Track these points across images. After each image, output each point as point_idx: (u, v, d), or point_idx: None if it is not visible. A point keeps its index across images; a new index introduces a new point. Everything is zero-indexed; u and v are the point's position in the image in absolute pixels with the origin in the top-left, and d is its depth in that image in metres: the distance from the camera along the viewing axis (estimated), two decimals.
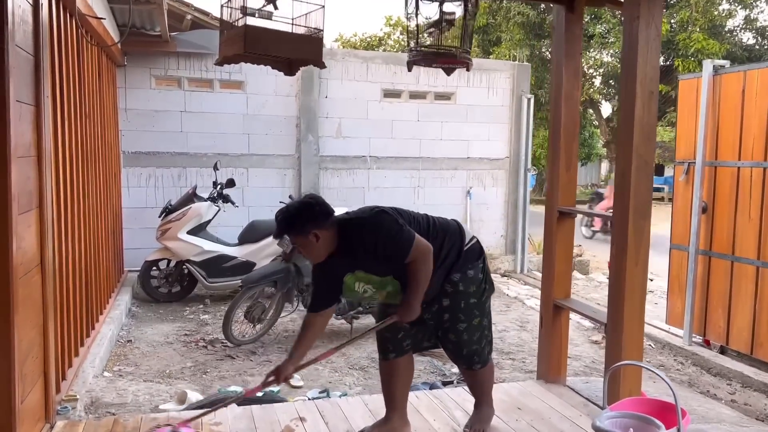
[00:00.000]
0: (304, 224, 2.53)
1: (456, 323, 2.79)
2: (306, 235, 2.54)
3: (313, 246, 2.57)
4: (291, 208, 2.61)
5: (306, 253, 2.65)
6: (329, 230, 2.58)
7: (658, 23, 2.99)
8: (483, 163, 7.92)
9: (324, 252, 2.61)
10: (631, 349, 3.14)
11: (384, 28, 18.50)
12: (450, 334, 2.81)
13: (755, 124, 4.62)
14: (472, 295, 2.81)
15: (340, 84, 7.40)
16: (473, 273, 2.82)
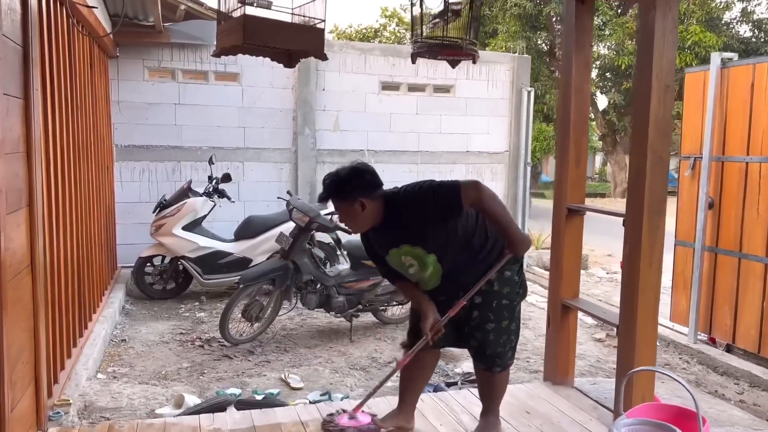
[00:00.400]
0: (353, 191, 2.46)
1: (485, 322, 2.71)
2: (352, 203, 2.47)
3: (358, 215, 2.50)
4: (341, 172, 2.54)
5: (349, 222, 2.59)
6: (376, 201, 2.51)
7: (674, 14, 2.87)
8: (482, 157, 7.81)
9: (368, 223, 2.55)
10: (644, 353, 3.04)
11: (380, 20, 18.36)
12: (477, 332, 2.73)
13: (765, 118, 4.52)
14: (505, 297, 2.74)
15: (337, 76, 7.26)
16: (510, 274, 2.75)
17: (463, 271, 2.68)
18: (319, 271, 4.96)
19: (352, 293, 5.05)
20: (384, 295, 5.26)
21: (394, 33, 18.29)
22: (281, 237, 4.91)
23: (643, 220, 2.95)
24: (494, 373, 2.81)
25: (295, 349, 4.78)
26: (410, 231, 2.56)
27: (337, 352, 4.73)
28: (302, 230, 4.84)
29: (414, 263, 2.64)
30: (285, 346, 4.83)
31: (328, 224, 4.88)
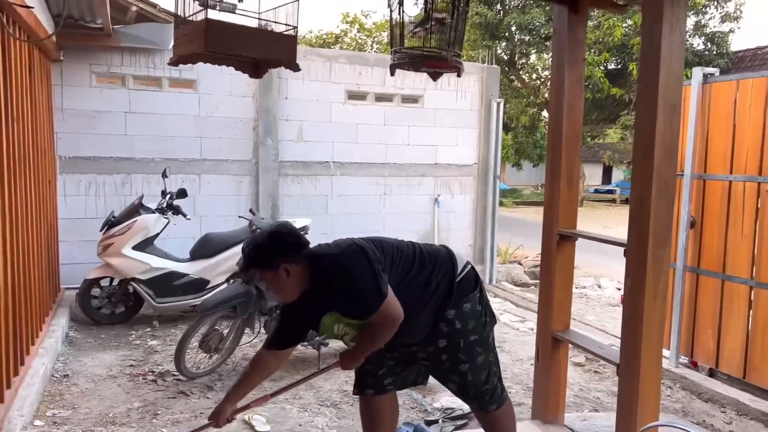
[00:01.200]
0: (274, 257, 2.28)
1: (457, 365, 2.48)
2: (276, 270, 2.28)
3: (284, 282, 2.31)
4: (259, 238, 2.38)
5: (276, 291, 2.39)
6: (301, 265, 2.32)
7: (682, 28, 2.65)
8: (451, 170, 7.56)
9: (296, 290, 2.35)
10: (648, 396, 2.81)
11: (341, 25, 18.01)
12: (452, 375, 2.52)
13: (749, 136, 4.38)
14: (472, 332, 2.49)
15: (301, 84, 6.90)
16: (470, 306, 2.49)
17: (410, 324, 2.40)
18: None
19: None
20: None
21: (354, 39, 17.98)
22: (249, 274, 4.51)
23: (648, 251, 2.71)
24: (491, 411, 2.62)
25: None
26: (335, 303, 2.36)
27: (305, 385, 4.35)
28: None
29: (348, 330, 2.41)
30: None
31: None
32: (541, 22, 17.93)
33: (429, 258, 2.52)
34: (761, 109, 4.29)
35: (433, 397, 4.19)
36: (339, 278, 2.30)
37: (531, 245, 9.74)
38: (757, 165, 4.32)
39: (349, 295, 2.29)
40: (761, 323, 4.29)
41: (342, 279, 2.29)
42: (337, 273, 2.31)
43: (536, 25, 18.20)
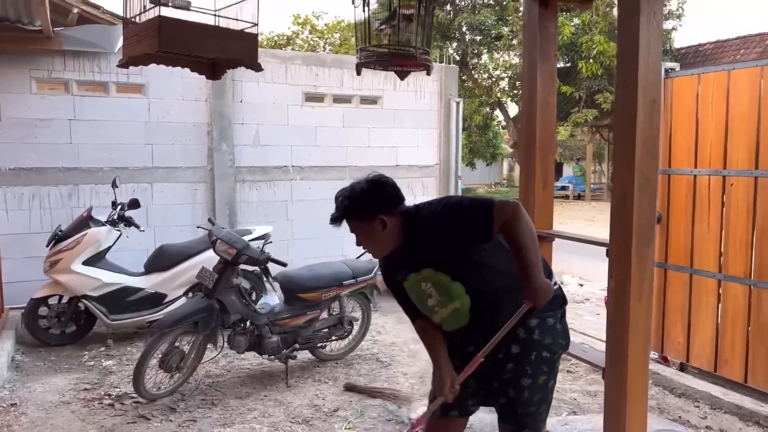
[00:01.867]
0: (372, 207, 2.18)
1: (521, 377, 2.30)
2: (371, 221, 2.18)
3: (378, 235, 2.20)
4: (356, 186, 2.24)
5: (368, 244, 2.28)
6: (397, 218, 2.21)
7: (659, 20, 2.58)
8: (413, 171, 7.44)
9: (390, 244, 2.24)
10: (635, 399, 2.73)
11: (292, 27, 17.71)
12: (509, 388, 2.31)
13: (712, 130, 4.39)
14: (546, 348, 2.32)
15: (256, 87, 6.67)
16: (553, 322, 2.35)
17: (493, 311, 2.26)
18: (248, 309, 4.37)
19: (288, 331, 4.50)
20: (322, 330, 4.75)
21: (306, 41, 17.71)
22: (203, 273, 4.29)
23: (632, 250, 2.64)
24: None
25: (224, 400, 4.16)
26: (432, 253, 2.21)
27: (274, 401, 4.17)
28: (228, 264, 4.24)
29: (434, 293, 2.25)
30: (212, 397, 4.21)
31: (258, 256, 4.31)
32: (492, 22, 18.06)
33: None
34: (723, 103, 4.30)
35: (410, 407, 4.05)
36: (448, 207, 2.20)
37: None
38: (721, 158, 4.33)
39: (463, 210, 2.18)
40: (730, 316, 4.31)
41: (451, 206, 2.21)
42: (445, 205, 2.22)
43: (487, 25, 18.32)
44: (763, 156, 4.06)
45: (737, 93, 4.20)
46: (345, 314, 4.84)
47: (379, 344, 5.39)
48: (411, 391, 4.34)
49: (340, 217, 2.22)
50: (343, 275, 4.65)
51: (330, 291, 4.59)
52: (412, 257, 2.26)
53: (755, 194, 4.12)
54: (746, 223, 4.19)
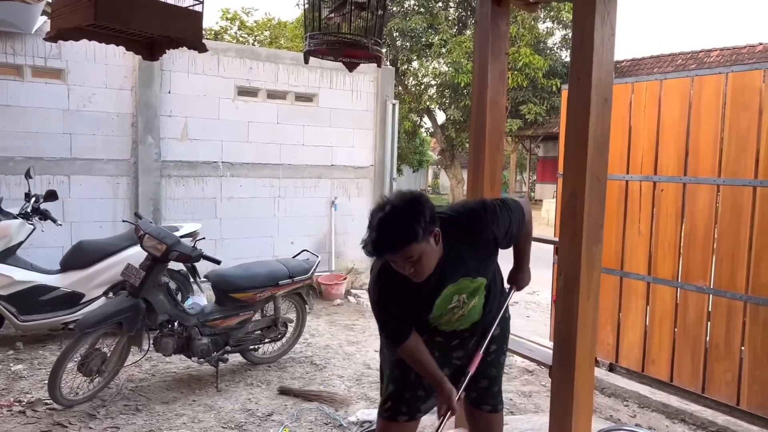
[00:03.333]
0: (428, 224, 1.98)
1: (500, 355, 2.51)
2: (428, 238, 1.99)
3: (434, 253, 2.04)
4: (398, 208, 1.97)
5: (424, 267, 2.03)
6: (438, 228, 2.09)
7: (613, 21, 2.60)
8: (348, 171, 7.33)
9: (437, 257, 2.09)
10: (582, 397, 2.73)
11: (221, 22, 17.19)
12: (492, 369, 2.47)
13: (644, 137, 4.55)
14: (509, 324, 2.62)
15: (186, 78, 6.38)
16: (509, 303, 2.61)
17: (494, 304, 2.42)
18: (177, 309, 4.13)
19: (218, 333, 4.28)
20: (255, 332, 4.55)
21: (235, 37, 17.23)
22: (129, 270, 4.01)
23: (582, 249, 2.64)
24: (499, 411, 2.55)
25: (150, 406, 3.90)
26: (473, 260, 2.20)
27: (204, 406, 3.94)
28: (157, 261, 3.98)
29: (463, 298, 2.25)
30: (136, 403, 3.93)
31: (190, 253, 4.08)
32: (423, 29, 18.26)
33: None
34: (655, 111, 4.46)
35: (347, 410, 3.93)
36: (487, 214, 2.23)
37: None
38: (653, 165, 4.49)
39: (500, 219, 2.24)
40: (658, 318, 4.45)
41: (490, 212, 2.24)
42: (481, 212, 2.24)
43: (417, 32, 18.50)
44: (692, 163, 4.23)
45: (668, 102, 4.37)
46: (280, 315, 4.67)
47: (313, 347, 5.24)
48: (347, 393, 4.23)
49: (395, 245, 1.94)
50: (279, 275, 4.48)
51: (265, 291, 4.41)
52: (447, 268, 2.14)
53: (683, 200, 4.29)
54: (675, 228, 4.35)
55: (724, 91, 4.03)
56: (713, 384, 4.11)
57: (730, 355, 4.01)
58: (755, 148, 3.87)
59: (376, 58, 3.07)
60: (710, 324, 4.15)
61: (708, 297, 4.16)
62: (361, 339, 5.52)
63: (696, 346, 4.21)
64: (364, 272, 7.53)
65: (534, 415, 3.94)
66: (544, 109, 18.42)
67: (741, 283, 3.94)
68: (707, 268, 4.18)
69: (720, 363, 4.07)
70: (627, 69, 19.40)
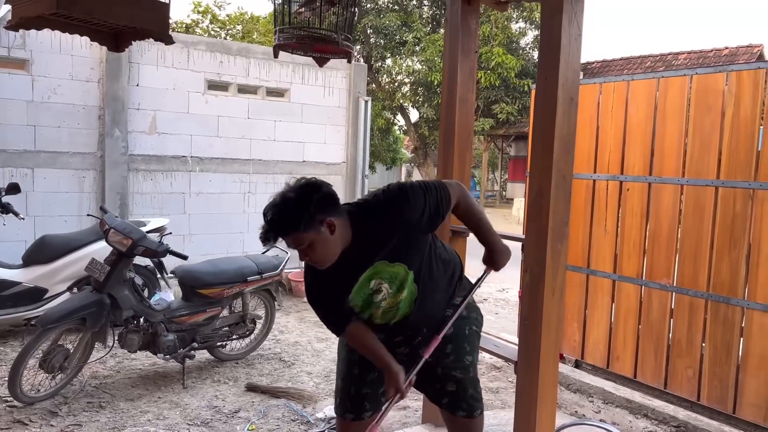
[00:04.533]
0: (313, 213, 1.95)
1: (462, 355, 2.31)
2: (318, 228, 1.97)
3: (328, 242, 2.01)
4: (288, 194, 1.99)
5: (317, 254, 2.03)
6: (341, 218, 2.06)
7: (580, 20, 2.64)
8: (320, 168, 7.30)
9: (339, 249, 2.06)
10: (546, 393, 2.77)
11: (192, 15, 16.97)
12: (455, 371, 2.30)
13: (611, 137, 4.62)
14: (474, 323, 2.41)
15: (155, 70, 6.28)
16: (472, 300, 2.43)
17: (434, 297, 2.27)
18: (143, 305, 4.07)
19: (185, 329, 4.23)
20: (223, 329, 4.51)
21: (207, 31, 17.03)
22: (93, 265, 3.94)
23: (547, 246, 2.67)
24: (475, 417, 2.40)
25: (114, 403, 3.84)
26: (388, 244, 2.10)
27: (169, 403, 3.89)
28: (122, 256, 3.92)
29: (384, 287, 2.15)
30: (99, 400, 3.87)
31: (156, 248, 4.02)
32: (396, 27, 18.27)
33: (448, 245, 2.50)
34: (622, 111, 4.53)
35: (314, 407, 3.92)
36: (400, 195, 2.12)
37: None
38: (619, 164, 4.56)
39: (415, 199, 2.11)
40: (623, 315, 4.53)
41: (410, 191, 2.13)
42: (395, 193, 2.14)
43: (391, 29, 18.51)
44: (657, 163, 4.31)
45: (635, 103, 4.44)
46: (248, 312, 4.63)
47: (282, 343, 5.21)
48: (315, 390, 4.22)
49: (283, 232, 1.96)
50: (247, 271, 4.45)
51: (233, 287, 4.37)
52: (361, 255, 2.11)
53: (648, 199, 4.36)
54: (640, 226, 4.42)
55: (689, 93, 4.12)
56: (675, 380, 4.20)
57: (691, 352, 4.10)
58: (717, 149, 3.95)
59: (346, 54, 3.07)
60: (673, 321, 4.24)
61: (671, 295, 4.24)
62: (330, 336, 5.51)
63: (659, 343, 4.30)
64: None
65: (501, 410, 3.98)
66: (516, 109, 18.60)
67: (703, 281, 4.03)
68: (670, 267, 4.27)
69: (682, 359, 4.16)
70: (597, 70, 19.68)
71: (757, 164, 3.76)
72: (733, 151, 3.87)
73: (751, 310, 3.78)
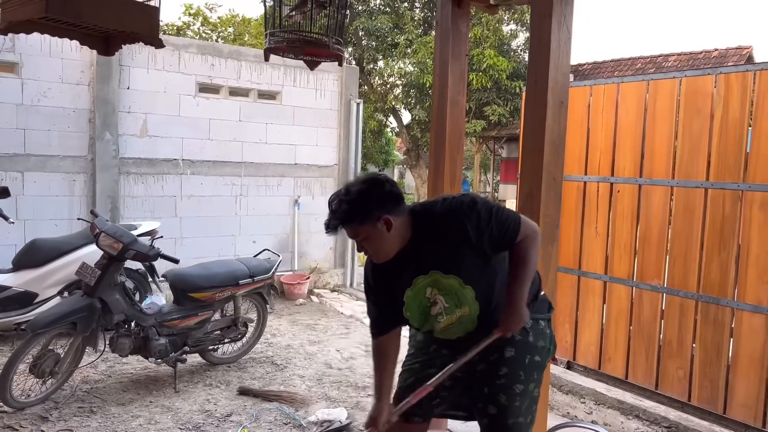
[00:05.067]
0: (374, 207, 1.98)
1: (513, 383, 2.15)
2: (375, 222, 1.99)
3: (383, 238, 2.02)
4: (352, 188, 2.02)
5: (373, 249, 2.07)
6: (401, 216, 2.04)
7: (569, 23, 2.65)
8: (311, 170, 7.30)
9: (395, 246, 2.06)
10: None
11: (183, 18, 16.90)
12: (500, 396, 2.14)
13: (601, 139, 4.64)
14: (539, 353, 2.21)
15: (145, 73, 6.26)
16: (544, 325, 2.25)
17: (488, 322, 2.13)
18: (134, 309, 4.05)
19: (176, 333, 4.21)
20: (214, 332, 4.50)
21: (198, 33, 16.98)
22: (84, 269, 3.92)
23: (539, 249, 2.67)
24: None
25: (105, 408, 3.82)
26: (443, 252, 2.05)
27: (161, 407, 3.88)
28: (113, 260, 3.90)
29: (441, 299, 2.09)
30: (90, 405, 3.84)
31: (147, 251, 4.01)
32: (388, 29, 18.29)
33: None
34: (612, 114, 4.56)
35: (307, 410, 3.92)
36: (467, 209, 2.02)
37: None
38: (610, 166, 4.59)
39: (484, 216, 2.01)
40: (614, 316, 4.55)
41: (471, 208, 2.02)
42: (462, 206, 2.04)
43: (383, 31, 18.52)
44: (647, 165, 4.34)
45: (625, 105, 4.47)
46: (240, 315, 4.62)
47: (274, 347, 5.20)
48: (308, 393, 4.21)
49: (340, 222, 2.00)
50: (239, 274, 4.43)
51: (224, 291, 4.36)
52: (419, 259, 2.08)
53: (639, 201, 4.39)
54: (630, 228, 4.45)
55: (678, 95, 4.15)
56: (666, 380, 4.22)
57: (682, 353, 4.13)
58: (707, 151, 3.98)
59: (338, 57, 3.07)
60: (664, 322, 4.26)
61: (662, 296, 4.27)
62: (323, 338, 5.51)
63: (650, 344, 4.32)
64: (327, 272, 7.51)
65: None
66: (507, 111, 18.62)
67: (693, 282, 4.06)
68: (661, 268, 4.30)
69: (672, 360, 4.18)
70: (588, 72, 19.76)
71: (745, 166, 3.79)
72: (722, 153, 3.90)
73: (741, 311, 3.81)
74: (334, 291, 7.39)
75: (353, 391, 4.28)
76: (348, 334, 5.71)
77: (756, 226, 3.74)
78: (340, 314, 6.41)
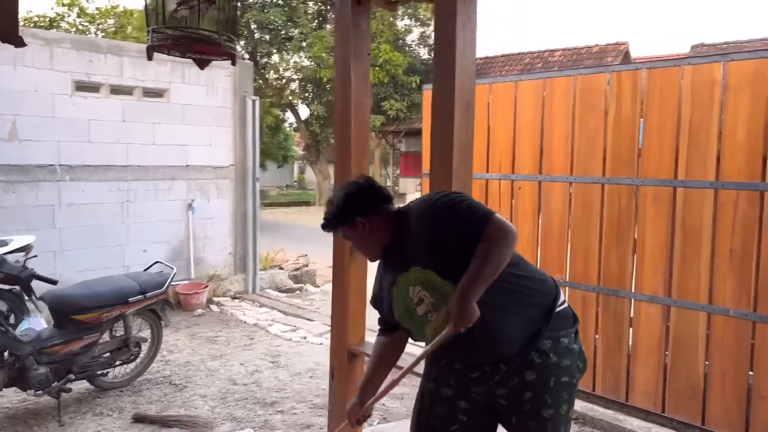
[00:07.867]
0: (347, 210, 2.13)
1: (540, 408, 2.00)
2: (352, 225, 2.13)
3: (363, 237, 2.14)
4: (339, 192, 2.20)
5: (358, 248, 2.24)
6: (379, 217, 2.13)
7: (474, 24, 2.57)
8: (206, 172, 6.91)
9: (377, 244, 2.16)
10: None
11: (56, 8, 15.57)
12: (530, 423, 2.00)
13: (502, 137, 4.66)
14: (565, 372, 2.03)
15: (12, 71, 5.64)
16: (567, 342, 2.06)
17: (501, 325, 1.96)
18: (7, 337, 3.60)
19: (59, 360, 3.81)
20: (103, 356, 4.11)
21: (74, 25, 15.71)
22: None
23: None
24: None
25: None
26: (422, 248, 2.03)
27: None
28: None
29: (425, 296, 2.01)
30: None
31: (19, 273, 3.58)
32: (282, 21, 17.88)
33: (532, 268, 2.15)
34: (511, 112, 4.59)
35: None
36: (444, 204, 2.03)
37: (291, 248, 9.51)
38: (510, 164, 4.61)
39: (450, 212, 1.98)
40: None
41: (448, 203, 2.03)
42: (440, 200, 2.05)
43: (277, 24, 18.09)
44: (546, 161, 4.40)
45: (523, 103, 4.51)
46: (131, 335, 4.25)
47: (171, 365, 4.85)
48: (210, 415, 3.94)
49: (326, 226, 2.17)
50: (128, 291, 4.07)
51: (112, 310, 3.99)
52: (401, 257, 2.09)
53: (540, 197, 4.45)
54: (532, 224, 4.50)
55: (574, 93, 4.22)
56: None
57: (585, 344, 4.17)
58: (603, 147, 4.08)
59: (230, 56, 2.83)
60: None
61: (564, 289, 4.35)
62: (225, 352, 5.21)
63: None
64: (227, 278, 7.16)
65: (404, 421, 3.90)
66: (405, 105, 18.79)
67: (593, 275, 4.16)
68: (563, 262, 4.38)
69: None
70: (480, 67, 20.30)
71: (638, 161, 3.92)
72: (617, 148, 4.01)
73: (639, 302, 3.95)
74: (236, 298, 7.06)
75: (260, 408, 4.05)
76: (252, 345, 5.44)
77: (650, 219, 3.87)
78: (243, 323, 6.12)
